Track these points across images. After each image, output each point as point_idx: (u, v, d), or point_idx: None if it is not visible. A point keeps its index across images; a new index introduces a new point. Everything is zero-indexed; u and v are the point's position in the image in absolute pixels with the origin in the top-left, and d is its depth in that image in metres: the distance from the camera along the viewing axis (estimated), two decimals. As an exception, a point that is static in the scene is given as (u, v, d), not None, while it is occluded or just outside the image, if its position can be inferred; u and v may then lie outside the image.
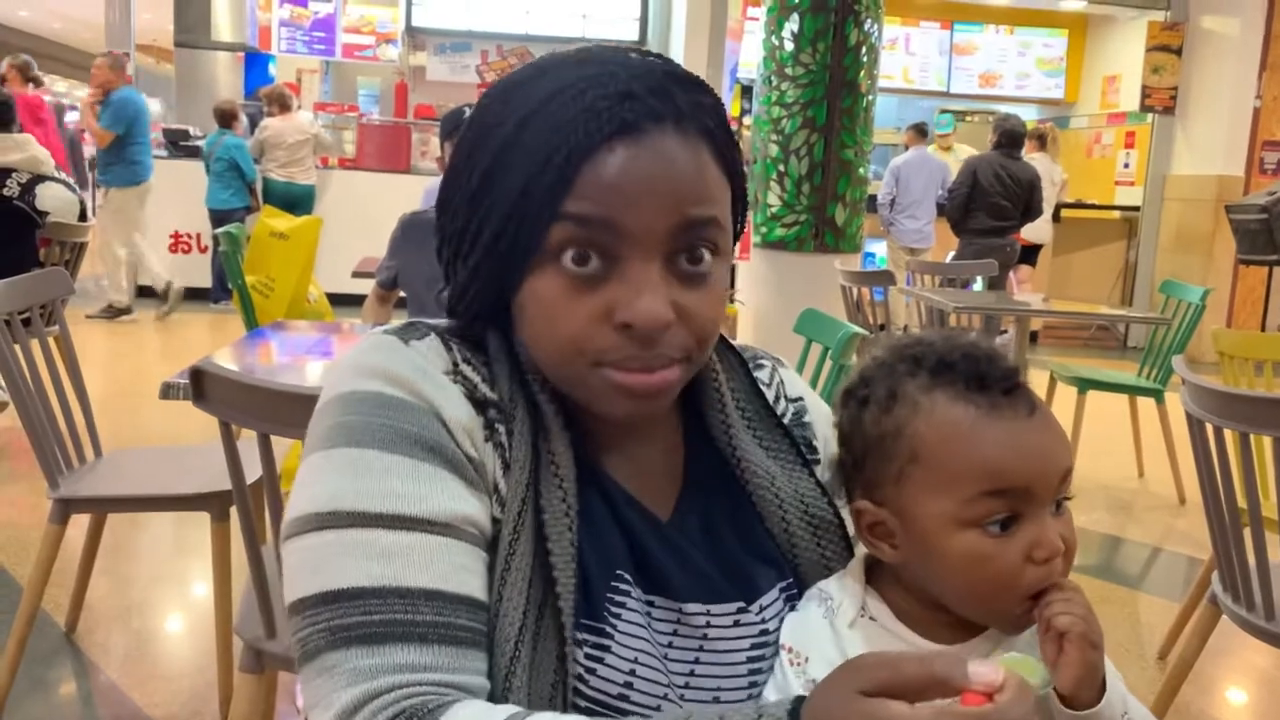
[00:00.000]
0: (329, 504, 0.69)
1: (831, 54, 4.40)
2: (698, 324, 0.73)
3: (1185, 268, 7.93)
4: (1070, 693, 0.74)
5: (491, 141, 0.74)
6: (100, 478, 2.34)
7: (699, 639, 0.78)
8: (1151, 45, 8.38)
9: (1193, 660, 2.15)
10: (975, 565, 0.74)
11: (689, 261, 0.72)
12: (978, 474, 0.74)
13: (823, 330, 2.18)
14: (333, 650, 0.66)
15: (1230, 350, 2.78)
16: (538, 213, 0.71)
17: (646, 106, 0.71)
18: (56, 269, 2.73)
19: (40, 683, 2.36)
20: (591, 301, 0.71)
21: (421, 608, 0.66)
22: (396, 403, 0.72)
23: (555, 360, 0.74)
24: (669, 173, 0.71)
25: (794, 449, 0.86)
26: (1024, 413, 0.76)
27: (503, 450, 0.74)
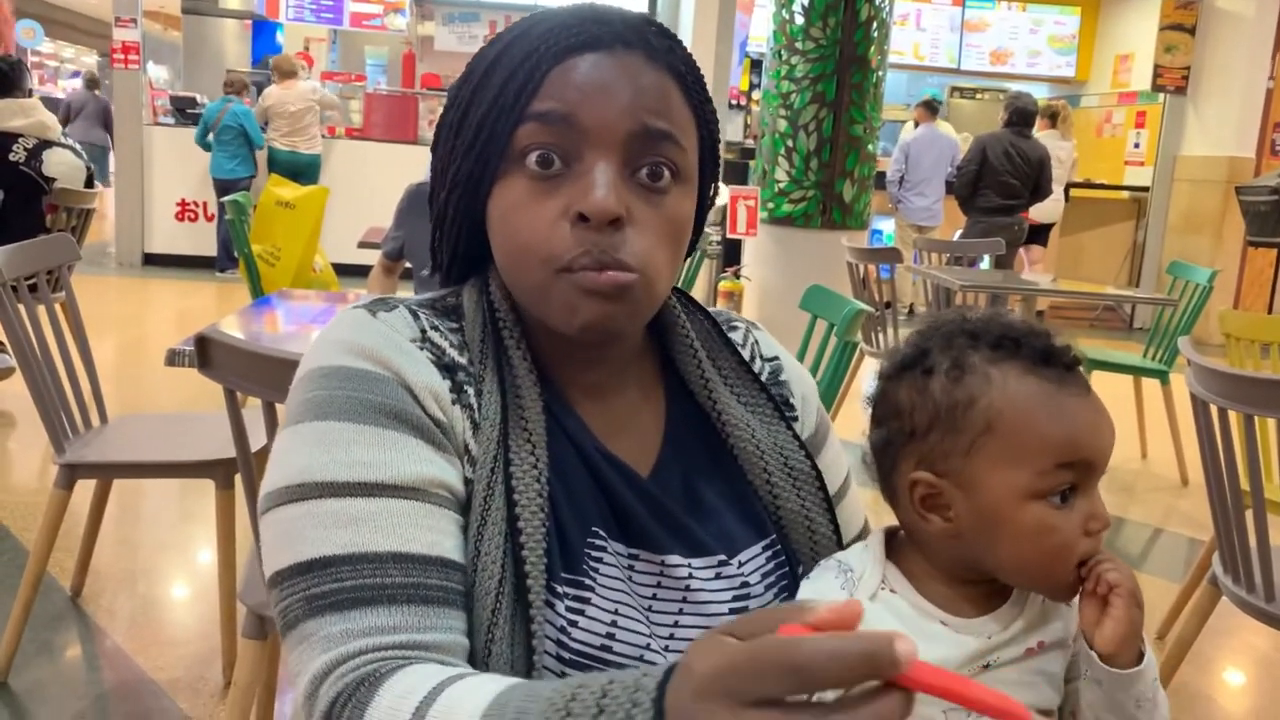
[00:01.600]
0: (298, 477, 0.71)
1: (842, 29, 4.37)
2: (648, 235, 0.75)
3: (1194, 249, 7.90)
4: (1113, 650, 0.76)
5: (477, 70, 0.79)
6: (106, 444, 2.35)
7: (681, 591, 0.79)
8: (1165, 24, 8.31)
9: (1191, 640, 2.15)
10: (1041, 536, 0.76)
11: (649, 177, 0.75)
12: (1055, 446, 0.76)
13: (828, 307, 2.18)
14: (309, 619, 0.67)
15: (1237, 332, 2.78)
16: (507, 115, 0.75)
17: (617, 30, 0.76)
18: (63, 235, 2.73)
19: (46, 646, 2.38)
20: (551, 202, 0.74)
21: (390, 570, 0.68)
22: (361, 374, 0.73)
23: (520, 269, 0.76)
24: (632, 83, 0.75)
25: (771, 403, 0.88)
26: (1084, 390, 0.79)
27: (471, 411, 0.76)
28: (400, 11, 9.33)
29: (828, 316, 2.15)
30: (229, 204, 3.88)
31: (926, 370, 0.81)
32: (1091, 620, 0.77)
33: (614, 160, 0.74)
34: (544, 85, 0.74)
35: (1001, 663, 0.79)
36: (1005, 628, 0.80)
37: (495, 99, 0.75)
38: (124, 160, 8.04)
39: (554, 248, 0.73)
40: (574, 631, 0.73)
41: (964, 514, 0.79)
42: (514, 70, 0.75)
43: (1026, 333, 0.80)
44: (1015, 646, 0.79)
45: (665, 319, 0.86)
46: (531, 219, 0.74)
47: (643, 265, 0.74)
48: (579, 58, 0.75)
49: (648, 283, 0.75)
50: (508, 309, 0.79)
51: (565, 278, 0.74)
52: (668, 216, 0.76)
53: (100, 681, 2.28)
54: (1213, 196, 8.03)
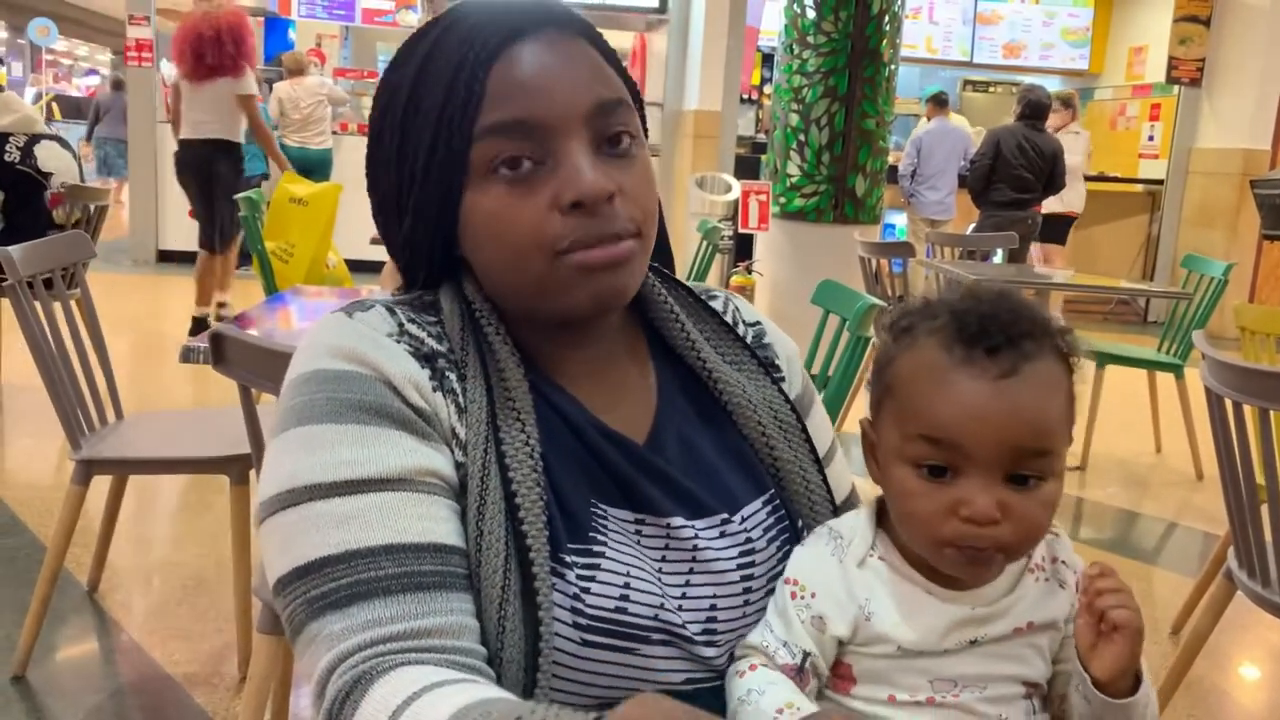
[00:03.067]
0: (287, 483, 0.72)
1: (854, 22, 4.36)
2: (636, 198, 0.77)
3: (1208, 242, 7.86)
4: (1108, 681, 0.76)
5: (400, 96, 0.79)
6: (122, 440, 2.36)
7: (690, 552, 0.80)
8: (1179, 16, 8.26)
9: (1206, 635, 2.15)
10: (903, 499, 0.79)
11: (610, 146, 0.77)
12: (920, 416, 0.77)
13: (841, 301, 2.18)
14: (311, 621, 0.68)
15: (1252, 326, 2.76)
16: (459, 130, 0.75)
17: (528, 14, 0.77)
18: (77, 232, 2.74)
19: (63, 641, 2.40)
20: (535, 198, 0.75)
21: (383, 562, 0.69)
22: (339, 375, 0.74)
23: (515, 268, 0.77)
24: (568, 64, 0.76)
25: (756, 362, 0.90)
26: (993, 374, 0.75)
27: (455, 396, 0.77)
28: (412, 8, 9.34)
29: (840, 311, 2.15)
30: (243, 200, 3.90)
31: (889, 328, 0.84)
32: (1087, 643, 0.76)
33: (584, 141, 0.75)
34: (486, 93, 0.74)
35: (990, 639, 0.79)
36: (991, 603, 0.79)
37: (438, 120, 0.75)
38: (138, 157, 8.07)
39: (551, 234, 0.74)
40: (588, 598, 0.74)
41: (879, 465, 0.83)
42: (449, 85, 0.75)
43: (983, 310, 0.78)
44: (1003, 624, 0.79)
45: (643, 291, 0.87)
46: (517, 218, 0.75)
47: (641, 225, 0.78)
48: (509, 52, 0.75)
49: (645, 242, 0.79)
50: (483, 301, 0.80)
51: (565, 260, 0.75)
52: (642, 174, 0.79)
53: (117, 676, 2.29)
54: (1227, 189, 7.98)
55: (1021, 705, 0.80)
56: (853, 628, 0.79)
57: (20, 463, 3.72)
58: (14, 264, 2.10)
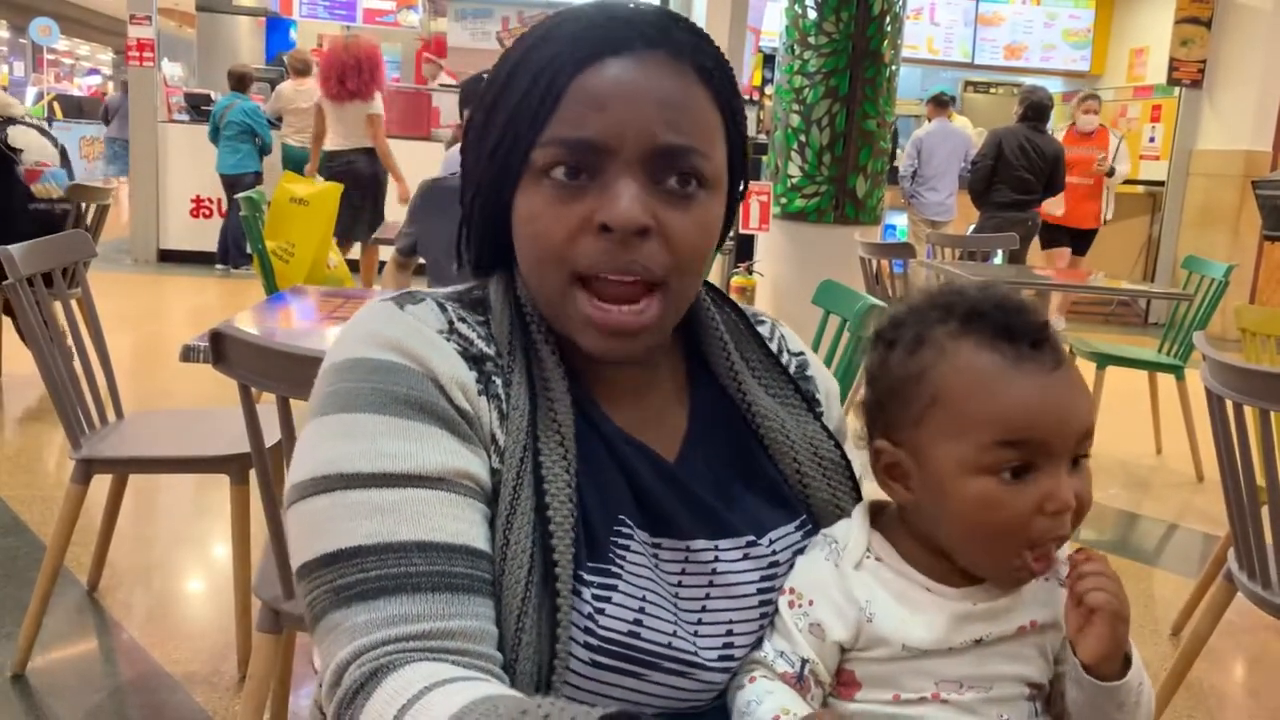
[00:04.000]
0: (323, 468, 0.71)
1: (855, 23, 4.35)
2: (676, 244, 0.75)
3: (1209, 243, 7.85)
4: (1094, 664, 0.76)
5: (502, 73, 0.78)
6: (122, 439, 2.36)
7: (708, 574, 0.79)
8: (1180, 17, 8.25)
9: (1206, 636, 2.14)
10: (985, 510, 0.76)
11: (675, 183, 0.75)
12: (995, 422, 0.75)
13: (841, 302, 2.18)
14: (335, 610, 0.68)
15: (1253, 327, 2.76)
16: (527, 130, 0.74)
17: (642, 30, 0.74)
18: (78, 231, 2.74)
19: (63, 640, 2.40)
20: (575, 210, 0.74)
21: (415, 559, 0.68)
22: (387, 366, 0.73)
23: (539, 275, 0.76)
24: (653, 94, 0.73)
25: (799, 395, 0.89)
26: (1048, 366, 0.77)
27: (499, 401, 0.76)
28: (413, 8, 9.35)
29: (841, 312, 2.15)
30: (243, 200, 3.90)
31: (890, 342, 0.82)
32: (1075, 628, 0.77)
33: (638, 172, 0.74)
34: (562, 101, 0.73)
35: (993, 639, 0.79)
36: (994, 599, 0.79)
37: (515, 111, 0.75)
38: (139, 157, 8.08)
39: (576, 251, 0.74)
40: (601, 619, 0.73)
41: (918, 485, 0.80)
42: (534, 79, 0.74)
43: (995, 306, 0.79)
44: (1007, 623, 0.79)
45: (695, 312, 0.86)
46: (552, 225, 0.74)
47: (668, 274, 0.75)
48: (600, 65, 0.73)
49: (672, 292, 0.76)
50: (534, 307, 0.79)
51: (578, 293, 0.74)
52: (696, 222, 0.76)
53: (117, 675, 2.29)
54: (1229, 191, 7.98)
55: (1024, 706, 0.80)
56: (854, 631, 0.78)
57: (20, 461, 3.72)
58: (14, 263, 2.10)
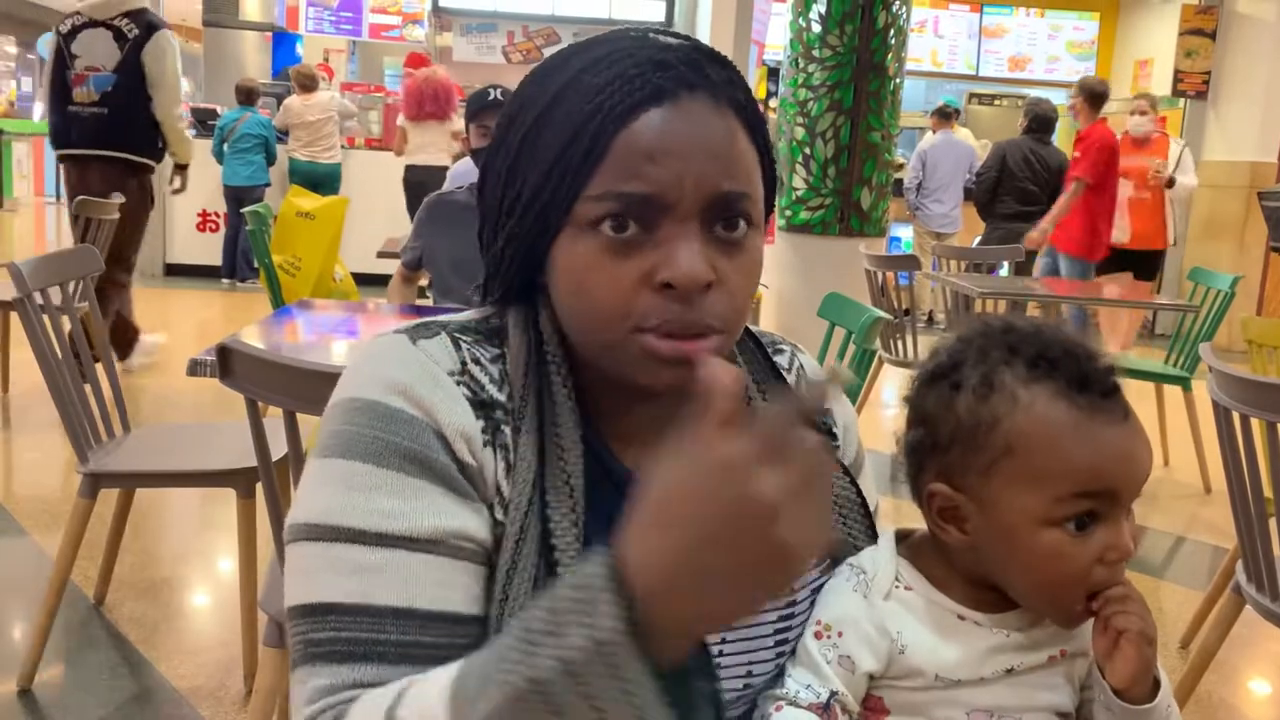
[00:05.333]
0: (318, 517, 0.71)
1: (859, 36, 4.37)
2: (733, 293, 0.73)
3: (1216, 254, 7.84)
4: (1124, 688, 0.76)
5: (527, 115, 0.75)
6: (129, 453, 2.36)
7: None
8: (1185, 29, 8.26)
9: (1215, 649, 2.13)
10: (1052, 562, 0.76)
11: (725, 228, 0.73)
12: (1074, 475, 0.75)
13: (846, 314, 2.18)
14: (305, 664, 0.68)
15: (1259, 338, 2.76)
16: (570, 184, 0.71)
17: (679, 74, 0.72)
18: (86, 246, 2.75)
19: (69, 654, 2.40)
20: (630, 266, 0.71)
21: (387, 626, 0.67)
22: (392, 414, 0.72)
23: (591, 327, 0.74)
24: (703, 143, 0.71)
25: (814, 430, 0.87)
26: (1120, 416, 0.77)
27: (506, 452, 0.74)
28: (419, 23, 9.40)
29: (846, 324, 2.15)
30: (249, 214, 3.91)
31: (955, 384, 0.80)
32: (1104, 653, 0.77)
33: (693, 224, 0.71)
34: (610, 154, 0.70)
35: (1024, 669, 0.79)
36: (1027, 628, 0.79)
37: (554, 164, 0.71)
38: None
39: (637, 309, 0.71)
40: None
41: (979, 530, 0.78)
42: (576, 133, 0.71)
43: (1065, 352, 0.77)
44: (1039, 653, 0.79)
45: None
46: (608, 282, 0.71)
47: (727, 323, 0.73)
48: (644, 115, 0.70)
49: (730, 338, 0.75)
50: (556, 345, 0.77)
51: (641, 338, 0.71)
52: (749, 265, 0.74)
53: (122, 689, 2.29)
54: (1235, 202, 7.97)
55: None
56: (885, 662, 0.78)
57: (27, 475, 3.73)
58: (23, 278, 2.11)
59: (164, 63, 4.44)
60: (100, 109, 4.39)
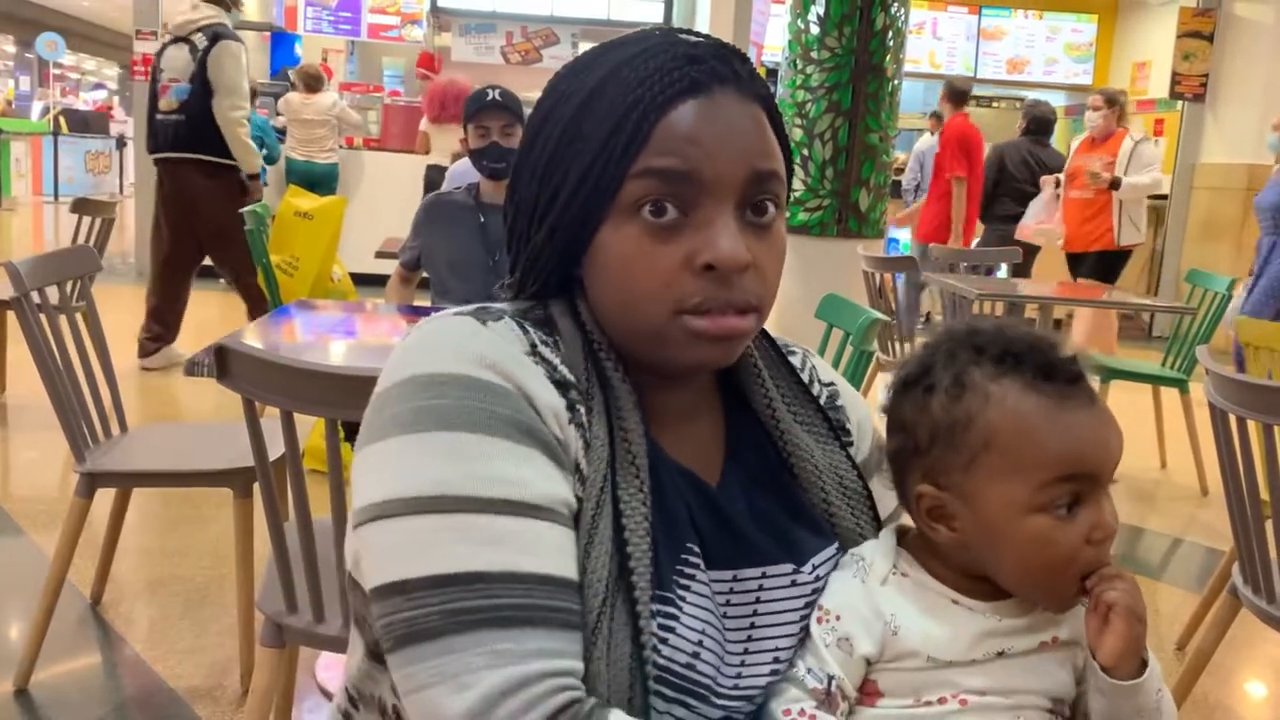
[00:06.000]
0: (430, 488, 0.69)
1: (857, 38, 4.37)
2: (766, 273, 0.77)
3: (1213, 257, 7.85)
4: (1112, 664, 0.78)
5: (565, 110, 0.78)
6: (126, 452, 2.36)
7: (752, 603, 0.80)
8: (1182, 31, 8.27)
9: (1211, 651, 2.14)
10: (1041, 548, 0.78)
11: (754, 213, 0.77)
12: (1052, 461, 0.77)
13: (844, 316, 2.18)
14: (457, 634, 0.66)
15: (1255, 341, 2.76)
16: (615, 169, 0.75)
17: (710, 68, 0.76)
18: (83, 245, 2.75)
19: (66, 653, 2.40)
20: (670, 250, 0.75)
21: (536, 592, 0.68)
22: (485, 385, 0.72)
23: (634, 313, 0.76)
24: (737, 127, 0.76)
25: (827, 424, 0.90)
26: (1088, 401, 0.79)
27: (584, 430, 0.76)
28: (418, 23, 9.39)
29: (844, 325, 2.15)
30: (247, 214, 3.91)
31: (928, 388, 0.82)
32: (1094, 632, 0.79)
33: (731, 207, 0.75)
34: (652, 138, 0.74)
35: (1016, 652, 0.80)
36: (1019, 615, 0.81)
37: (599, 152, 0.75)
38: (144, 171, 8.09)
39: (677, 291, 0.74)
40: (664, 649, 0.74)
41: (968, 526, 0.81)
42: (619, 122, 0.74)
43: (1029, 346, 0.80)
44: (1030, 638, 0.81)
45: None
46: (649, 267, 0.75)
47: (762, 301, 0.77)
48: (683, 105, 0.75)
49: (761, 319, 0.78)
50: (602, 335, 0.79)
51: (682, 320, 0.75)
52: (778, 247, 0.79)
53: (119, 689, 2.29)
54: (1232, 204, 7.98)
55: (1045, 718, 0.81)
56: (880, 645, 0.80)
57: (24, 475, 3.73)
58: (20, 277, 2.11)
59: (222, 70, 4.83)
60: (179, 116, 4.87)
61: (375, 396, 0.75)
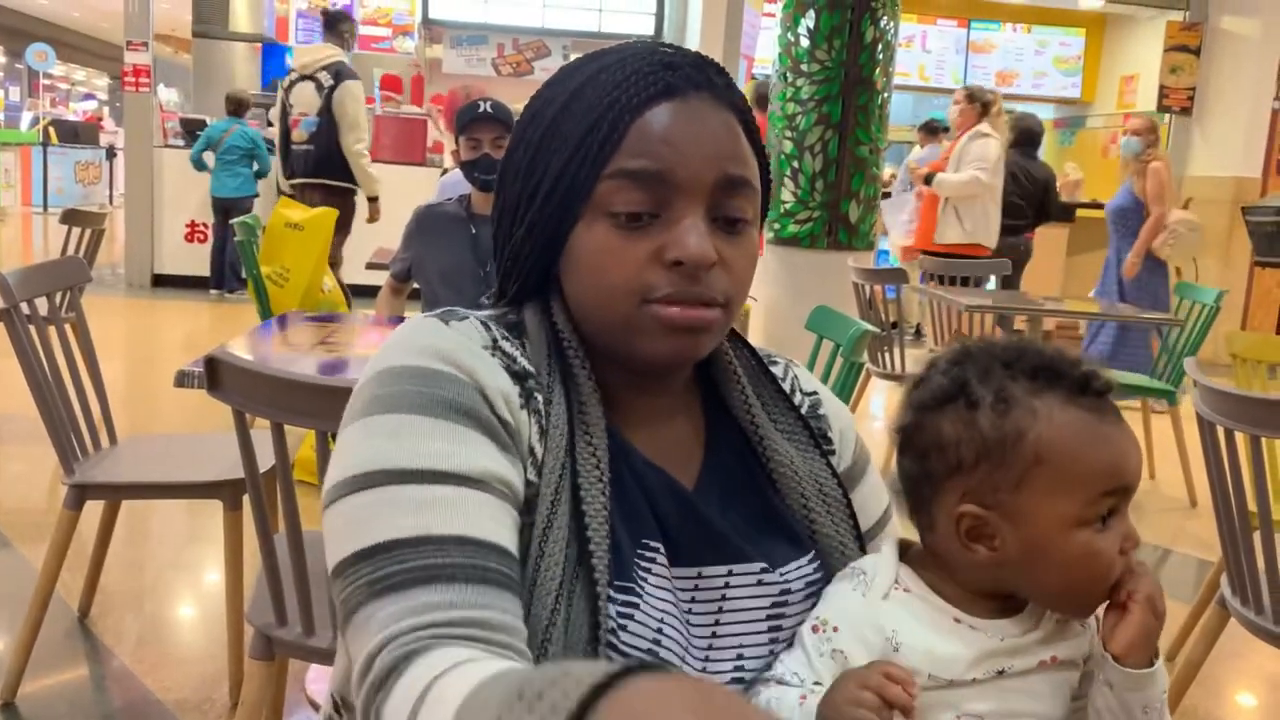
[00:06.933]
0: (366, 465, 0.72)
1: (847, 50, 4.39)
2: (734, 272, 0.80)
3: (1201, 269, 7.88)
4: (1124, 653, 0.79)
5: (547, 112, 0.81)
6: (115, 464, 2.35)
7: (718, 600, 0.81)
8: (1169, 45, 8.33)
9: (1200, 662, 2.14)
10: (1087, 561, 0.79)
11: (726, 219, 0.79)
12: (1101, 475, 0.78)
13: (834, 327, 2.18)
14: (369, 602, 0.68)
15: (1244, 353, 2.78)
16: (590, 168, 0.78)
17: (687, 74, 0.79)
18: (73, 256, 2.75)
19: (53, 666, 2.38)
20: (641, 246, 0.77)
21: (452, 551, 0.68)
22: (434, 373, 0.75)
23: (605, 304, 0.79)
24: (710, 131, 0.79)
25: (808, 433, 0.90)
26: (1118, 416, 0.81)
27: (540, 417, 0.78)
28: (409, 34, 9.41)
29: (834, 337, 2.16)
30: (238, 225, 3.90)
31: (971, 403, 0.81)
32: (1110, 624, 0.80)
33: (702, 208, 0.78)
34: (626, 138, 0.77)
35: (1015, 672, 0.80)
36: (1021, 634, 0.81)
37: (575, 150, 0.78)
38: (134, 182, 8.09)
39: (646, 281, 0.77)
40: (622, 636, 0.75)
41: (1011, 544, 0.80)
42: (595, 122, 0.78)
43: (1060, 361, 0.81)
44: (1030, 657, 0.81)
45: (714, 350, 0.87)
46: (621, 261, 0.77)
47: (728, 300, 0.80)
48: (657, 108, 0.78)
49: (730, 316, 0.80)
50: (572, 333, 0.82)
51: (650, 309, 0.77)
52: (747, 253, 0.81)
53: (108, 702, 2.28)
54: (1219, 217, 8.02)
55: None
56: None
57: (12, 487, 3.71)
58: (9, 288, 2.11)
59: (345, 106, 5.38)
60: (309, 146, 5.44)
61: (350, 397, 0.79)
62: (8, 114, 19.37)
